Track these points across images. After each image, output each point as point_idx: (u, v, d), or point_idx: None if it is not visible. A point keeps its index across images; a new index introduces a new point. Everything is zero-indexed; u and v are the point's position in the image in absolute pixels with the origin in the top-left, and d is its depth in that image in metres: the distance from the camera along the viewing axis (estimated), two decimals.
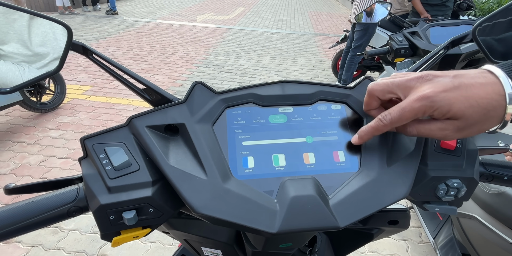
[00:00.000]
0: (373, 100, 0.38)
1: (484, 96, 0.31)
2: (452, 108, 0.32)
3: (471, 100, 0.31)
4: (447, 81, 0.32)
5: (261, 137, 0.40)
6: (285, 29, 7.94)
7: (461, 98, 0.32)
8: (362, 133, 0.37)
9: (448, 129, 0.34)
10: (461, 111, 0.32)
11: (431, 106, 0.32)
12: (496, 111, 0.32)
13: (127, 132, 0.38)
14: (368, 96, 0.38)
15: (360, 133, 0.38)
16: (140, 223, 0.36)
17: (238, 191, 0.35)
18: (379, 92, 0.37)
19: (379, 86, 0.37)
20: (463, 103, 0.31)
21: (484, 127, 0.34)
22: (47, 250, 1.70)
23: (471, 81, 0.32)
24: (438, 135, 0.35)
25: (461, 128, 0.33)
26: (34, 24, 0.47)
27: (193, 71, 4.52)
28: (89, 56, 0.45)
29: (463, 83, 0.32)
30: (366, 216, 0.35)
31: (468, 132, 0.34)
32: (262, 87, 0.42)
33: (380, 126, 0.35)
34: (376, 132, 0.36)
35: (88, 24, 6.83)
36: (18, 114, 3.07)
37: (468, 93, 0.32)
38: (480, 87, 0.32)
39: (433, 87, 0.32)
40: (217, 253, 0.56)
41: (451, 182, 0.39)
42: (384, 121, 0.35)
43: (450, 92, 0.32)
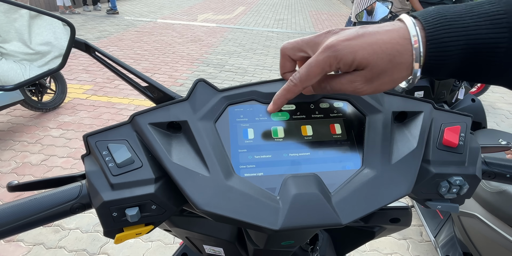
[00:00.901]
0: (286, 60, 0.37)
1: (388, 40, 0.30)
2: (356, 56, 0.31)
3: (374, 46, 0.30)
4: (352, 31, 0.32)
5: None
6: (286, 28, 7.93)
7: (364, 45, 0.31)
8: (275, 98, 0.37)
9: (357, 81, 0.33)
10: (365, 59, 0.31)
11: (334, 56, 0.31)
12: (402, 57, 0.31)
13: (130, 129, 0.39)
14: (281, 56, 0.38)
15: (274, 98, 0.37)
16: (143, 220, 0.36)
17: (241, 188, 0.35)
18: (290, 51, 0.36)
19: (290, 44, 0.36)
20: (366, 50, 0.30)
21: (394, 76, 0.32)
22: (49, 249, 1.70)
23: (377, 29, 0.31)
24: (349, 89, 0.34)
25: (369, 78, 0.32)
26: (34, 24, 0.48)
27: (194, 71, 4.52)
28: (92, 53, 0.45)
29: (368, 31, 0.31)
30: (368, 213, 0.35)
31: (378, 83, 0.33)
32: (265, 85, 0.42)
33: (291, 87, 0.35)
34: (289, 95, 0.36)
35: (89, 23, 6.83)
36: (19, 113, 3.07)
37: (372, 39, 0.31)
38: (385, 33, 0.31)
39: (337, 37, 0.32)
40: (219, 250, 0.57)
41: (454, 179, 0.39)
42: (294, 81, 0.34)
43: (353, 40, 0.31)
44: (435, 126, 0.42)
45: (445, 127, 0.42)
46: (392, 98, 0.43)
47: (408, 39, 0.30)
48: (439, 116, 0.43)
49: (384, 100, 0.43)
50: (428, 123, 0.42)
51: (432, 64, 0.31)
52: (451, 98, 1.74)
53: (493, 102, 3.95)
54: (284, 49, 0.37)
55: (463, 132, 0.41)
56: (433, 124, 0.42)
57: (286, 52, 0.37)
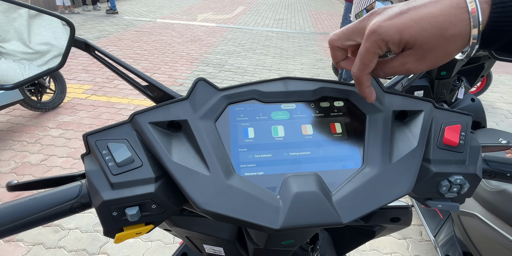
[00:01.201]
0: (336, 51, 0.37)
1: (438, 13, 0.28)
2: (402, 35, 0.29)
3: (422, 21, 0.28)
4: (395, 9, 0.30)
5: None
6: (285, 28, 7.93)
7: (409, 22, 0.29)
8: (360, 90, 0.37)
9: (408, 62, 0.31)
10: (412, 37, 0.29)
11: (381, 38, 0.30)
12: (456, 28, 0.28)
13: (130, 128, 0.38)
14: (330, 48, 0.37)
15: (359, 90, 0.37)
16: (143, 219, 0.36)
17: (241, 187, 0.35)
18: (338, 42, 0.35)
19: (336, 36, 0.35)
20: (413, 27, 0.28)
21: (448, 49, 0.30)
22: (48, 248, 1.70)
23: (423, 2, 0.29)
24: (402, 71, 0.33)
25: (420, 57, 0.30)
26: (34, 23, 0.48)
27: (194, 70, 4.52)
28: (92, 52, 0.45)
29: (413, 6, 0.29)
30: (369, 212, 0.35)
31: (431, 60, 0.31)
32: (265, 84, 0.42)
33: (357, 78, 0.35)
34: (362, 85, 0.36)
35: (88, 23, 6.82)
36: (19, 113, 3.07)
37: (418, 14, 0.28)
38: (433, 5, 0.28)
39: (379, 18, 0.30)
40: (219, 250, 0.56)
41: (454, 178, 0.39)
42: (355, 73, 0.34)
43: (397, 18, 0.29)
44: (435, 125, 0.42)
45: (446, 126, 0.42)
46: (393, 97, 0.43)
47: (463, 8, 0.27)
48: (440, 115, 0.43)
49: (385, 99, 0.43)
50: (429, 122, 0.42)
51: (495, 32, 0.28)
52: (451, 97, 1.74)
53: (493, 102, 3.95)
54: (332, 41, 0.36)
55: (464, 131, 0.41)
56: (433, 123, 0.42)
57: (334, 43, 0.36)
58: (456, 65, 1.52)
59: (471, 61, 1.64)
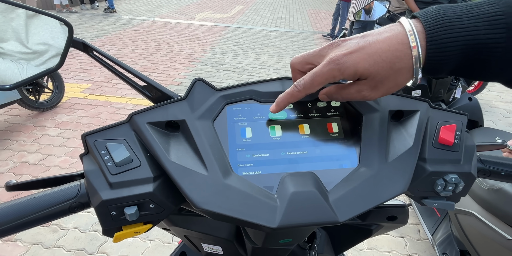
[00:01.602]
0: (297, 73, 0.39)
1: (387, 49, 0.31)
2: (357, 68, 0.32)
3: (374, 56, 0.32)
4: (353, 43, 0.33)
5: None
6: (284, 27, 7.93)
7: (364, 56, 0.32)
8: (279, 100, 0.38)
9: (363, 90, 0.34)
10: (366, 70, 0.32)
11: (338, 68, 0.32)
12: (402, 62, 0.32)
13: (128, 128, 0.39)
14: (292, 71, 0.39)
15: (277, 100, 0.38)
16: (141, 219, 0.36)
17: (239, 186, 0.35)
18: (299, 65, 0.38)
19: (297, 59, 0.38)
20: (367, 61, 0.32)
21: (398, 80, 0.33)
22: (47, 248, 1.70)
23: (377, 38, 0.32)
24: (359, 97, 0.36)
25: (373, 86, 0.34)
26: (32, 22, 0.48)
27: (192, 70, 4.52)
28: (90, 53, 0.45)
29: (368, 41, 0.32)
30: (365, 211, 0.35)
31: (384, 89, 0.34)
32: (262, 84, 0.43)
33: (295, 92, 0.36)
34: (292, 99, 0.37)
35: (86, 22, 6.80)
36: (17, 112, 3.06)
37: (372, 49, 0.32)
38: (384, 41, 0.32)
39: (340, 51, 0.33)
40: (217, 249, 0.57)
41: (449, 177, 0.39)
42: (298, 87, 0.36)
43: (355, 53, 0.32)
44: (431, 124, 0.43)
45: (441, 126, 0.42)
46: (389, 97, 0.44)
47: (406, 44, 0.31)
48: (435, 115, 0.44)
49: (381, 99, 0.43)
50: (424, 121, 0.42)
51: (433, 65, 0.32)
52: (448, 96, 1.75)
53: (490, 101, 3.97)
54: (293, 63, 0.38)
55: (459, 130, 0.42)
56: (429, 123, 0.43)
57: (295, 66, 0.38)
58: None
59: None
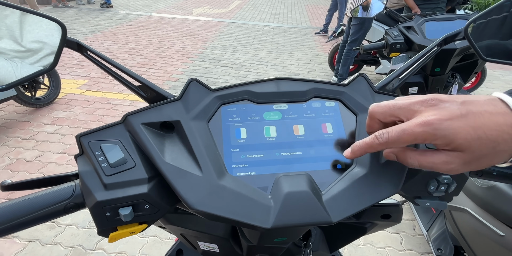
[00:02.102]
0: (375, 122, 0.36)
1: (493, 127, 0.28)
2: (456, 138, 0.29)
3: (479, 131, 0.28)
4: (454, 108, 0.30)
5: None
6: (282, 22, 7.89)
7: (467, 128, 0.28)
8: (355, 148, 0.35)
9: (454, 163, 0.30)
10: (467, 143, 0.29)
11: (433, 133, 0.29)
12: (507, 145, 0.29)
13: (123, 129, 0.39)
14: (369, 118, 0.36)
15: (353, 147, 0.35)
16: (136, 219, 0.37)
17: (233, 187, 0.35)
18: (381, 115, 0.35)
19: (380, 108, 0.34)
20: (470, 134, 0.28)
21: (494, 161, 0.30)
22: (44, 245, 1.71)
23: (480, 109, 0.29)
24: (443, 169, 0.31)
25: (467, 161, 0.30)
26: (26, 20, 0.47)
27: (189, 65, 4.50)
28: (84, 52, 0.45)
29: (471, 111, 0.29)
30: (358, 211, 0.36)
31: (477, 165, 0.31)
32: (257, 84, 0.43)
33: (375, 144, 0.33)
34: (370, 149, 0.34)
35: (82, 17, 6.73)
36: (13, 109, 3.04)
37: (476, 123, 0.29)
38: (489, 117, 0.29)
39: (439, 114, 0.30)
40: (213, 247, 0.57)
41: (442, 178, 0.40)
42: (379, 139, 0.32)
43: (456, 120, 0.29)
44: None
45: None
46: (383, 97, 0.44)
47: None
48: None
49: (375, 99, 0.43)
50: None
51: None
52: (445, 94, 1.76)
53: None
54: (373, 112, 0.35)
55: None
56: None
57: (375, 115, 0.35)
58: (450, 62, 1.53)
59: (465, 58, 1.65)
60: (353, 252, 1.78)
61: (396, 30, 1.63)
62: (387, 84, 0.48)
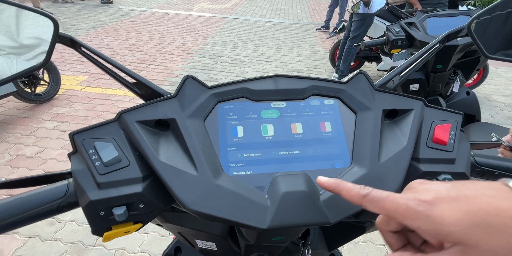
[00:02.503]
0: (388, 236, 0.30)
1: (495, 213, 0.24)
2: (444, 223, 0.24)
3: (475, 217, 0.24)
4: (441, 189, 0.26)
5: None
6: (283, 18, 7.83)
7: (458, 212, 0.24)
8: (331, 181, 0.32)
9: None
10: (462, 231, 0.24)
11: (416, 210, 0.25)
12: None
13: (117, 127, 0.38)
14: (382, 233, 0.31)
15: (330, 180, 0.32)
16: (131, 219, 0.36)
17: (229, 187, 0.35)
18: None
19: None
20: (462, 219, 0.24)
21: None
22: (44, 241, 1.71)
23: (475, 193, 0.25)
24: None
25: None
26: (22, 15, 0.46)
27: (190, 62, 4.47)
28: (78, 49, 0.44)
29: (463, 193, 0.25)
30: (356, 212, 0.35)
31: None
32: (255, 82, 0.42)
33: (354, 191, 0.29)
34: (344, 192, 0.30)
35: (82, 13, 6.69)
36: (13, 105, 3.03)
37: (471, 207, 0.24)
38: (488, 201, 0.24)
39: (421, 195, 0.26)
40: (211, 245, 0.57)
41: (442, 177, 0.39)
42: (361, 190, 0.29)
43: (443, 203, 0.25)
44: (425, 123, 0.42)
45: (436, 125, 0.42)
46: (384, 95, 0.43)
47: None
48: (430, 114, 0.43)
49: (375, 97, 0.42)
50: (419, 121, 0.41)
51: None
52: (446, 91, 1.74)
53: (489, 94, 3.96)
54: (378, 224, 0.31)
55: (453, 130, 0.41)
56: (423, 122, 0.42)
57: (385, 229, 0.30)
58: (452, 59, 1.52)
59: (467, 55, 1.63)
60: (353, 249, 1.78)
61: (398, 26, 1.61)
62: (388, 82, 0.47)
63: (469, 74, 1.75)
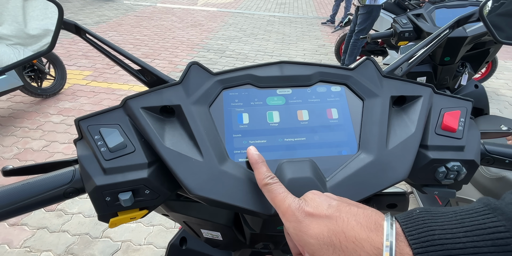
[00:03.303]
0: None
1: (352, 239, 0.25)
2: (307, 234, 0.27)
3: (333, 237, 0.26)
4: (323, 205, 0.28)
5: None
6: (288, 12, 7.76)
7: (323, 228, 0.26)
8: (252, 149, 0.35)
9: None
10: (318, 246, 0.26)
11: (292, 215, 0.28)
12: None
13: (122, 113, 0.38)
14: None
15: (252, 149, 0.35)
16: (136, 205, 0.36)
17: (235, 173, 0.35)
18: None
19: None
20: (322, 235, 0.26)
21: None
22: (52, 232, 1.74)
23: (349, 216, 0.26)
24: None
25: None
26: (29, 5, 0.46)
27: (194, 56, 4.47)
28: (82, 35, 0.44)
29: (338, 215, 0.27)
30: (363, 198, 0.34)
31: None
32: (260, 68, 0.41)
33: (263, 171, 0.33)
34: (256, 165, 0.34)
35: (87, 8, 6.70)
36: (20, 99, 3.06)
37: (336, 228, 0.26)
38: (353, 227, 0.25)
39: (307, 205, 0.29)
40: (216, 235, 0.57)
41: (451, 165, 0.38)
42: (266, 180, 0.31)
43: (317, 218, 0.27)
44: (434, 110, 0.41)
45: (445, 112, 0.41)
46: (392, 82, 0.42)
47: (380, 250, 0.24)
48: (439, 101, 0.42)
49: (383, 84, 0.42)
50: (427, 107, 0.41)
51: None
52: (454, 84, 1.72)
53: (497, 89, 3.90)
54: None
55: (463, 117, 0.41)
56: (432, 109, 0.41)
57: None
58: (460, 51, 1.49)
59: (476, 47, 1.60)
60: None
61: (405, 17, 1.58)
62: (396, 69, 0.46)
63: (478, 67, 1.72)
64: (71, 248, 1.66)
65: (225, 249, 0.64)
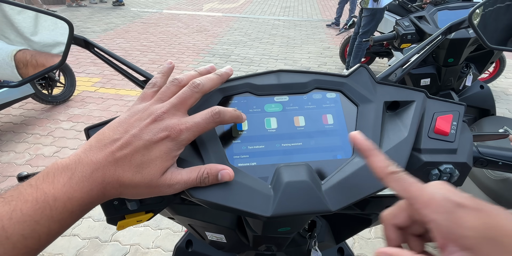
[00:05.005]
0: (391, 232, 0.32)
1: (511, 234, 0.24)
2: (461, 227, 0.25)
3: (491, 231, 0.24)
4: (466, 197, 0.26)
5: None
6: (292, 16, 7.80)
7: (477, 222, 0.25)
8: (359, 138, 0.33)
9: None
10: (474, 240, 0.24)
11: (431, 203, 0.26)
12: None
13: None
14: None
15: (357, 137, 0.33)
16: (142, 208, 0.38)
17: (235, 177, 0.36)
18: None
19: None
20: (478, 229, 0.24)
21: None
22: (63, 236, 1.78)
23: (498, 212, 0.25)
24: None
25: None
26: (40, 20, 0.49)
27: (200, 61, 4.52)
28: (91, 49, 0.46)
29: (487, 209, 0.25)
30: (357, 200, 0.36)
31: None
32: (258, 77, 0.43)
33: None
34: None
35: (95, 16, 6.84)
36: (31, 106, 3.14)
37: (491, 222, 0.24)
38: (508, 222, 0.24)
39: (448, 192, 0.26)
40: (220, 237, 0.59)
41: (444, 167, 0.40)
42: (391, 168, 0.29)
43: (465, 209, 0.25)
44: (427, 115, 0.43)
45: (438, 116, 0.42)
46: (385, 88, 0.44)
47: None
48: (432, 105, 0.44)
49: (377, 90, 0.43)
50: (420, 112, 0.42)
51: None
52: (459, 85, 1.71)
53: (506, 88, 3.85)
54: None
55: (455, 120, 0.42)
56: (425, 113, 0.43)
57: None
58: (464, 52, 1.49)
59: (480, 47, 1.60)
60: (364, 246, 1.78)
61: (407, 20, 1.59)
62: (390, 75, 0.48)
63: (483, 68, 1.72)
64: (82, 251, 1.69)
65: (229, 251, 0.66)
